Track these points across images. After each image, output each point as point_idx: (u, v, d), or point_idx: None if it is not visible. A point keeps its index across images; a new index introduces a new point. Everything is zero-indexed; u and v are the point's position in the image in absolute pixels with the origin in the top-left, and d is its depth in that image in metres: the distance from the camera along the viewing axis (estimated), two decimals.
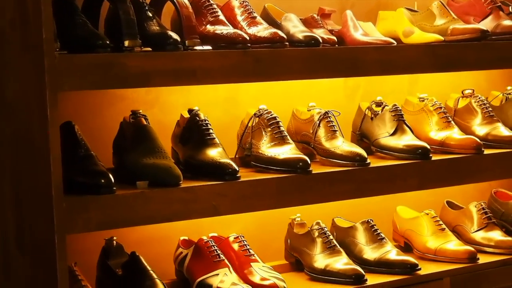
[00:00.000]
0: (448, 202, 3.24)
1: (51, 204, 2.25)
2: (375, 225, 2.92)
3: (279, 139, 2.69)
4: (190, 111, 2.70)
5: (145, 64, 2.37)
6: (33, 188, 2.33)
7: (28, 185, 2.35)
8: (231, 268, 2.62)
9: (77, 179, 2.37)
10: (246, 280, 2.62)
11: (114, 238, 2.63)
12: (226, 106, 2.93)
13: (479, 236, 3.09)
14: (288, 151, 2.66)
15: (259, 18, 2.68)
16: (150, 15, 2.52)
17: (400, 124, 2.91)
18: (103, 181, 2.35)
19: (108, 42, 2.36)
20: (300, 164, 2.61)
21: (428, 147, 2.86)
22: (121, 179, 2.45)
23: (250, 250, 2.72)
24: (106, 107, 2.74)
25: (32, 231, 2.34)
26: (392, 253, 2.85)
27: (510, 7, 3.21)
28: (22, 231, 2.37)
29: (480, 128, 3.11)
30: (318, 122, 2.82)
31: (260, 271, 2.65)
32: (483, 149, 2.97)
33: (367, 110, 2.99)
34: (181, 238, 2.77)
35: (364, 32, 2.87)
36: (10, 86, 2.39)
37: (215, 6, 2.65)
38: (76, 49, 2.34)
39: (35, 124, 2.30)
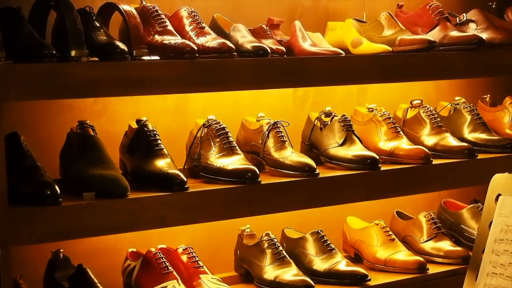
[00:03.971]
0: (397, 212, 3.26)
1: None
2: (324, 235, 2.92)
3: (228, 150, 2.68)
4: (138, 121, 2.68)
5: (92, 74, 2.35)
6: None
7: None
8: (179, 280, 2.61)
9: (23, 190, 2.34)
10: None
11: (61, 250, 2.60)
12: (174, 116, 2.92)
13: (429, 246, 3.10)
14: (236, 161, 2.65)
15: (207, 28, 2.68)
16: (98, 25, 2.50)
17: (349, 134, 2.92)
18: (48, 192, 2.33)
19: (54, 51, 2.34)
20: (249, 174, 2.61)
21: (377, 157, 2.87)
22: (68, 190, 2.42)
23: (199, 262, 2.70)
24: (53, 117, 2.71)
25: None
26: (341, 263, 2.85)
27: (458, 18, 3.25)
28: None
29: (428, 138, 3.13)
30: (267, 132, 2.81)
31: (209, 283, 2.64)
32: (431, 159, 2.99)
33: (316, 120, 2.99)
34: (129, 250, 2.75)
35: (312, 42, 2.87)
36: None
37: (163, 16, 2.64)
38: (22, 59, 2.32)
39: None
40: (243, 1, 3.06)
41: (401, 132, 3.05)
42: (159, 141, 2.62)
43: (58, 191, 2.32)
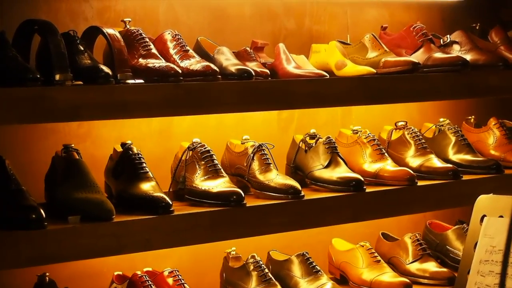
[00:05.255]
0: (383, 234, 3.26)
1: None
2: (310, 257, 2.93)
3: (213, 173, 2.69)
4: (123, 144, 2.68)
5: (75, 98, 2.35)
6: None
7: None
8: None
9: (7, 214, 2.33)
10: None
11: (47, 274, 2.59)
12: (159, 139, 2.92)
13: (414, 267, 3.11)
14: (221, 184, 2.65)
15: (191, 52, 2.68)
16: (82, 48, 2.51)
17: (334, 156, 2.93)
18: (33, 215, 2.32)
19: (38, 75, 2.34)
20: (234, 197, 2.61)
21: (362, 179, 2.88)
22: (53, 214, 2.42)
23: (185, 285, 2.70)
24: (37, 141, 2.71)
25: None
26: (327, 285, 2.85)
27: (441, 40, 3.27)
28: None
29: (413, 159, 3.14)
30: (252, 155, 2.82)
31: None
32: (416, 181, 2.99)
33: (301, 142, 3.00)
34: (115, 273, 2.74)
35: (296, 65, 2.89)
36: None
37: (147, 39, 2.65)
38: (7, 83, 2.32)
39: None
40: (227, 24, 3.07)
41: (386, 154, 3.06)
42: (144, 165, 2.62)
43: (43, 215, 2.32)
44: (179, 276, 2.72)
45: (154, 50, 2.63)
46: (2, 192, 2.37)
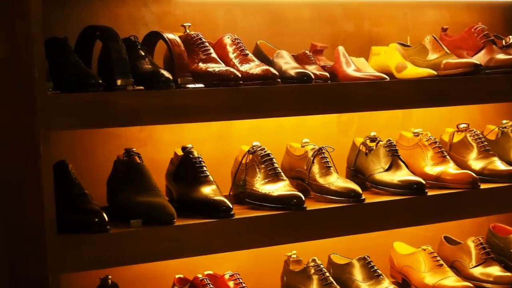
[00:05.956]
0: (445, 238, 3.23)
1: (44, 243, 2.25)
2: (371, 261, 2.91)
3: (273, 176, 2.69)
4: (183, 148, 2.70)
5: (136, 103, 2.37)
6: (26, 227, 2.32)
7: (22, 224, 2.35)
8: None
9: (71, 218, 2.37)
10: None
11: (109, 276, 2.62)
12: (219, 143, 2.93)
13: (478, 271, 3.07)
14: (282, 187, 2.65)
15: (251, 55, 2.69)
16: (143, 53, 2.53)
17: (394, 159, 2.91)
18: (96, 219, 2.35)
19: (100, 81, 2.37)
20: (295, 201, 2.60)
21: (423, 182, 2.85)
22: (115, 218, 2.44)
23: None
24: (99, 145, 2.74)
25: (25, 270, 2.33)
26: None
27: (503, 41, 3.22)
28: (16, 270, 2.37)
29: (476, 162, 3.10)
30: (312, 158, 2.81)
31: None
32: (479, 184, 2.95)
33: (361, 145, 2.99)
34: (176, 276, 2.76)
35: (356, 67, 2.87)
36: (3, 125, 2.39)
37: (207, 44, 2.66)
38: (69, 89, 2.35)
39: (28, 163, 2.30)
40: (286, 27, 3.07)
41: (447, 157, 3.03)
42: (204, 168, 2.63)
43: (106, 218, 2.34)
44: (240, 279, 2.72)
45: (213, 55, 2.64)
46: (65, 196, 2.40)
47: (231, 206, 2.52)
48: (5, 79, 2.35)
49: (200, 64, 2.61)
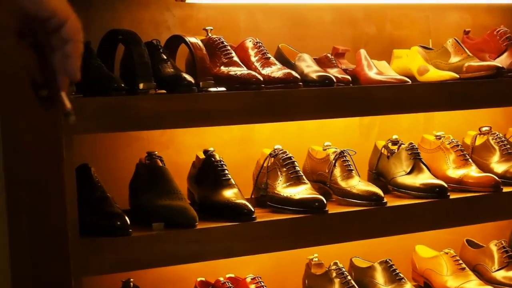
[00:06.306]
0: (467, 241, 3.21)
1: (67, 246, 2.26)
2: (393, 265, 2.90)
3: (295, 179, 2.68)
4: (205, 151, 2.70)
5: (159, 106, 2.38)
6: (49, 230, 2.33)
7: (44, 227, 2.36)
8: None
9: (93, 221, 2.38)
10: None
11: (131, 279, 2.63)
12: (240, 146, 2.93)
13: (500, 275, 3.05)
14: (303, 191, 2.65)
15: (272, 59, 2.69)
16: (165, 57, 2.54)
17: (416, 162, 2.90)
18: (118, 223, 2.35)
19: (123, 85, 2.38)
20: (316, 204, 2.60)
21: (446, 185, 2.84)
22: (137, 221, 2.45)
23: None
24: (121, 148, 2.75)
25: (48, 273, 2.34)
26: None
27: None
28: (38, 273, 2.38)
29: (498, 165, 3.08)
30: (333, 161, 2.81)
31: None
32: (501, 187, 2.94)
33: (383, 148, 2.98)
34: (198, 279, 2.76)
35: (378, 70, 2.87)
36: (26, 129, 2.41)
37: (229, 47, 2.66)
38: (92, 92, 2.36)
39: (51, 166, 2.31)
40: (308, 31, 3.07)
41: (470, 160, 3.01)
42: (226, 171, 2.64)
43: (128, 222, 2.35)
44: (262, 282, 2.72)
45: (235, 58, 2.64)
46: (88, 199, 2.41)
47: (252, 210, 2.52)
48: (28, 83, 2.36)
49: (222, 68, 2.61)
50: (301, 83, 2.61)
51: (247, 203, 2.53)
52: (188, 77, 2.46)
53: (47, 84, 1.23)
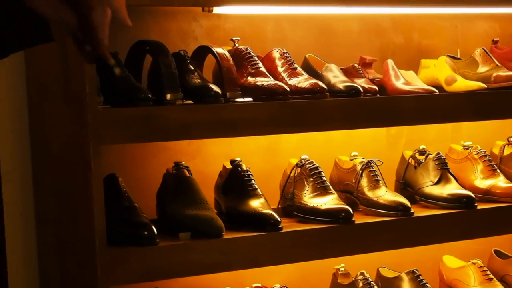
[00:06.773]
0: (495, 251, 3.19)
1: (94, 256, 2.27)
2: (420, 275, 2.89)
3: (321, 189, 2.68)
4: (232, 161, 2.71)
5: (186, 117, 2.39)
6: (77, 239, 2.35)
7: (72, 236, 2.38)
8: None
9: (120, 231, 2.39)
10: None
11: None
12: (267, 156, 2.94)
13: None
14: (330, 201, 2.65)
15: (299, 69, 2.69)
16: (192, 68, 2.54)
17: (444, 172, 2.88)
18: (145, 232, 2.36)
19: (150, 95, 2.39)
20: (343, 214, 2.60)
21: (473, 196, 2.82)
22: (164, 231, 2.46)
23: None
24: (149, 158, 2.76)
25: (76, 282, 2.36)
26: None
27: None
28: (66, 283, 2.39)
29: None
30: (360, 171, 2.80)
31: None
32: None
33: (410, 158, 2.97)
34: None
35: (405, 81, 2.86)
36: (55, 138, 2.43)
37: (256, 58, 2.67)
38: (119, 103, 2.37)
39: (79, 176, 2.33)
40: (335, 41, 3.07)
41: (498, 170, 3.00)
42: (253, 181, 2.64)
43: (155, 231, 2.36)
44: None
45: (262, 68, 2.64)
46: (115, 209, 2.42)
47: (279, 220, 2.52)
48: (57, 94, 2.39)
49: (249, 78, 2.62)
50: (327, 94, 2.61)
51: (274, 213, 2.53)
52: (215, 88, 2.47)
53: (88, 40, 1.32)
